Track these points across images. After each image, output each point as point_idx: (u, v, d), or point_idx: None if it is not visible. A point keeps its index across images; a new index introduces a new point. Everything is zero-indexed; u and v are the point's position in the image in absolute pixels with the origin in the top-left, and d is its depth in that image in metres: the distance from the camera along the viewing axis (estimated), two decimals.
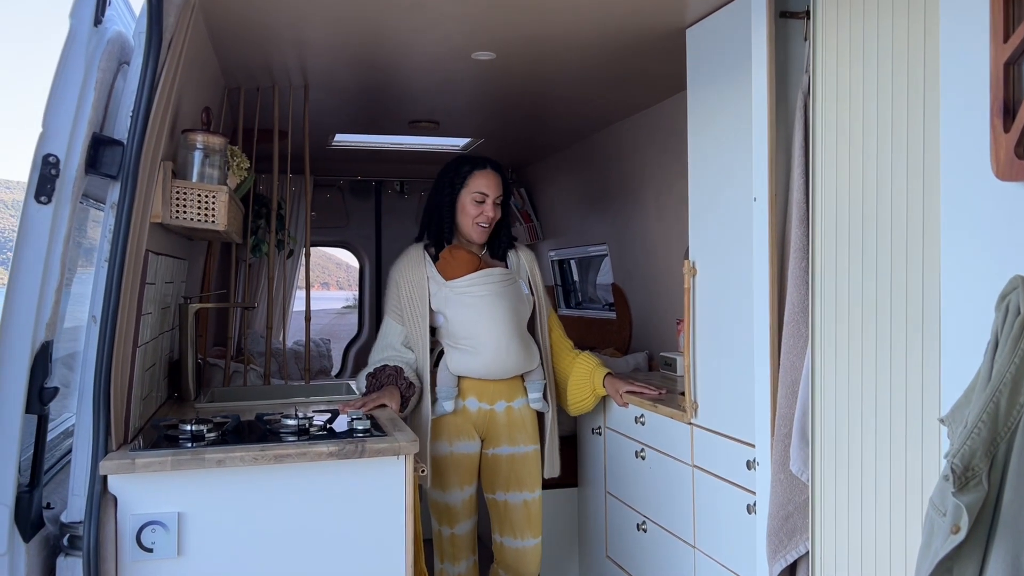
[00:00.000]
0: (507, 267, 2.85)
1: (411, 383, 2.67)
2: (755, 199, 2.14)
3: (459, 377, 2.74)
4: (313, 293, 3.67)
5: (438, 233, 2.80)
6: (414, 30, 2.62)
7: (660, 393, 2.80)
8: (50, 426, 2.21)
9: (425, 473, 2.21)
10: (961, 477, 1.12)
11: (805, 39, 1.99)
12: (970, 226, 1.39)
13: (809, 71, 1.92)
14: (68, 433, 2.32)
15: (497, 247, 2.87)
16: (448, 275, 2.74)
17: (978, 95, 1.35)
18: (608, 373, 2.92)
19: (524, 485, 2.81)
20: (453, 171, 2.79)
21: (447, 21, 2.53)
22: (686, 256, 2.59)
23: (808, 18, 1.94)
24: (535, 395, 2.82)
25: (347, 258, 6.57)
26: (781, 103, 2.10)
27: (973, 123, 1.37)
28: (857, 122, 1.73)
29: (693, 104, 2.56)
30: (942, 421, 1.26)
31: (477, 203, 2.74)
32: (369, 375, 2.70)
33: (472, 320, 2.69)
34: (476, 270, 2.75)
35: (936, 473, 1.48)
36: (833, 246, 1.81)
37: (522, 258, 2.90)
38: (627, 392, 2.83)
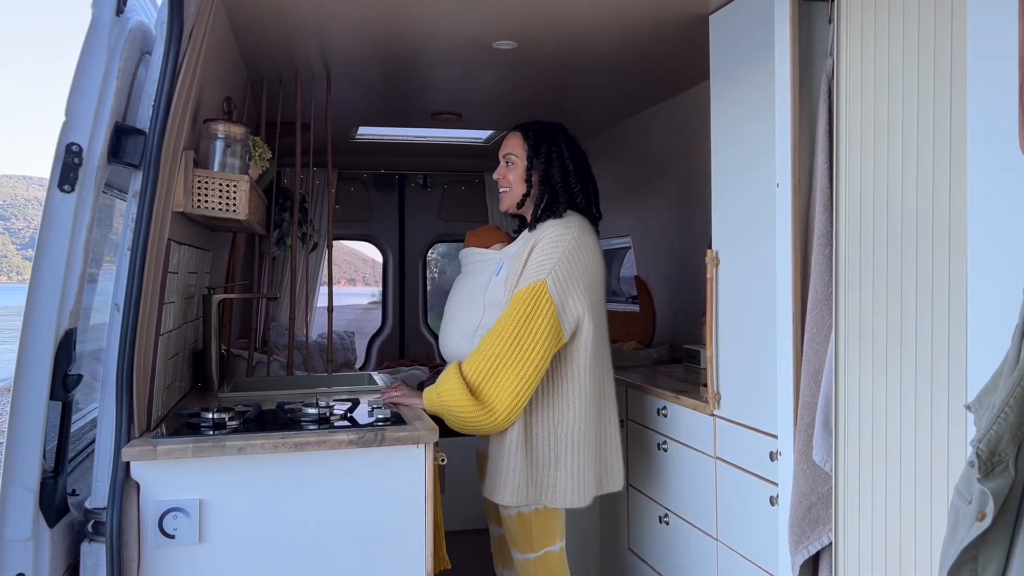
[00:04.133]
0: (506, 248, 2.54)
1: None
2: (778, 185, 2.12)
3: None
4: (339, 289, 3.67)
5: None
6: (435, 18, 2.61)
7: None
8: (78, 416, 2.24)
9: (445, 462, 2.19)
10: (987, 463, 1.09)
11: (829, 22, 1.95)
12: (998, 208, 1.36)
13: (833, 54, 1.89)
14: (96, 423, 2.35)
15: (532, 222, 2.50)
16: (465, 246, 2.70)
17: (1006, 74, 1.32)
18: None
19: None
20: None
21: (468, 9, 2.52)
22: (709, 246, 2.57)
23: (832, 0, 1.91)
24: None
25: (373, 254, 6.58)
26: (805, 87, 2.07)
27: (1001, 103, 1.34)
28: (882, 105, 1.70)
29: (716, 90, 2.53)
30: (968, 408, 1.23)
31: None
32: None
33: (451, 296, 2.64)
34: (476, 246, 2.64)
35: (962, 462, 1.45)
36: (858, 231, 1.77)
37: (532, 238, 2.41)
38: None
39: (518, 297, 2.32)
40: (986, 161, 1.40)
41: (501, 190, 2.56)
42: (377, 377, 3.07)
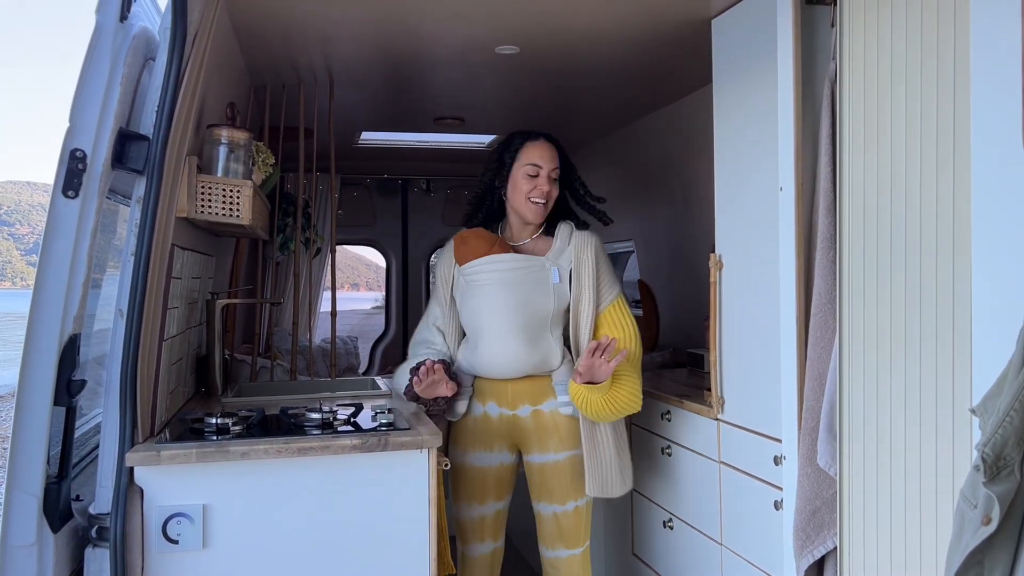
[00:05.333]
0: (540, 253, 2.58)
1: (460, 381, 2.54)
2: (781, 189, 2.11)
3: (475, 376, 2.56)
4: (343, 294, 3.67)
5: (487, 215, 2.63)
6: (438, 24, 2.62)
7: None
8: (82, 422, 2.24)
9: (448, 467, 2.19)
10: (992, 467, 1.08)
11: (832, 25, 1.95)
12: (1001, 211, 1.36)
13: (836, 58, 1.89)
14: (99, 429, 2.35)
15: (549, 230, 2.63)
16: (460, 259, 2.56)
17: (1009, 77, 1.31)
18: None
19: (553, 497, 2.56)
20: (504, 146, 2.61)
21: (471, 14, 2.52)
22: (712, 250, 2.57)
23: (834, 4, 1.90)
24: (563, 398, 2.53)
25: (377, 259, 6.60)
26: (807, 91, 2.07)
27: (1004, 106, 1.34)
28: (885, 108, 1.70)
29: (719, 94, 2.53)
30: (973, 411, 1.23)
31: (530, 177, 2.51)
32: (413, 368, 2.45)
33: (475, 310, 2.51)
34: (489, 253, 2.52)
35: (967, 465, 1.44)
36: (861, 235, 1.77)
37: (573, 244, 2.56)
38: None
39: (621, 310, 2.58)
40: (989, 164, 1.39)
41: (538, 202, 2.54)
42: (380, 382, 3.08)
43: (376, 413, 2.25)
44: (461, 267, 2.56)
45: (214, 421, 2.11)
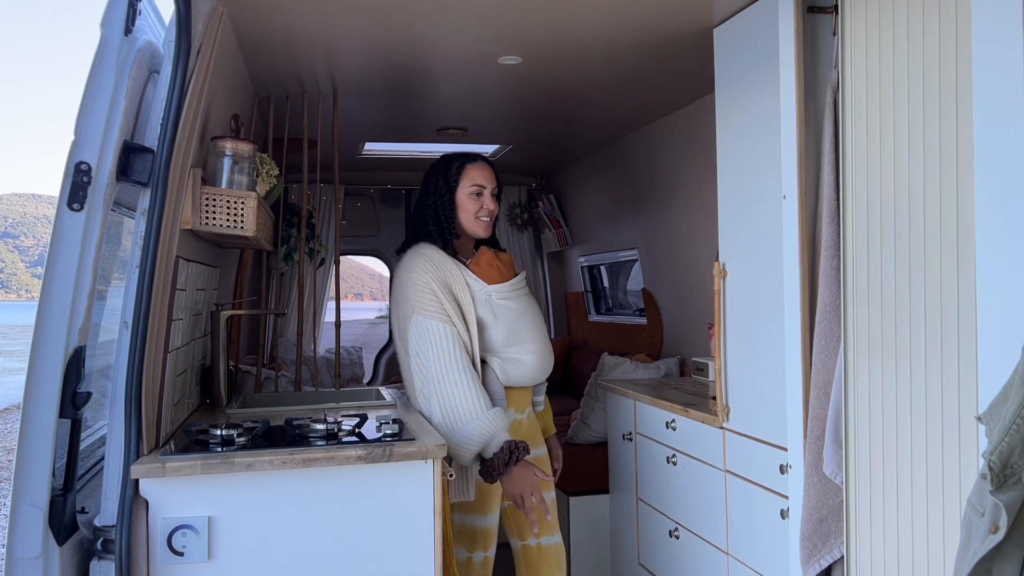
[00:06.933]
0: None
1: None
2: (784, 197, 2.11)
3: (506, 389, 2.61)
4: (347, 304, 3.68)
5: (443, 234, 2.61)
6: (441, 35, 2.63)
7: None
8: (87, 433, 2.24)
9: (453, 477, 2.19)
10: (999, 475, 1.08)
11: (834, 34, 1.96)
12: (1006, 218, 1.36)
13: (838, 66, 1.89)
14: (105, 441, 2.35)
15: (494, 247, 2.74)
16: (491, 279, 2.60)
17: (1012, 82, 1.32)
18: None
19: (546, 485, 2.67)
20: (444, 169, 2.63)
21: (474, 24, 2.53)
22: (716, 258, 2.57)
23: (836, 12, 1.91)
24: (538, 397, 2.75)
25: (380, 269, 6.60)
26: (810, 99, 2.07)
27: (1007, 112, 1.34)
28: (888, 116, 1.70)
29: (721, 103, 2.53)
30: (979, 419, 1.23)
31: (476, 196, 2.60)
32: (508, 447, 2.38)
33: (519, 327, 2.59)
34: (513, 274, 2.66)
35: (973, 473, 1.44)
36: (865, 243, 1.77)
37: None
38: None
39: None
40: (993, 171, 1.39)
41: (485, 219, 2.64)
42: (385, 392, 3.07)
43: (381, 424, 2.24)
44: (493, 287, 2.60)
45: (219, 432, 2.11)
